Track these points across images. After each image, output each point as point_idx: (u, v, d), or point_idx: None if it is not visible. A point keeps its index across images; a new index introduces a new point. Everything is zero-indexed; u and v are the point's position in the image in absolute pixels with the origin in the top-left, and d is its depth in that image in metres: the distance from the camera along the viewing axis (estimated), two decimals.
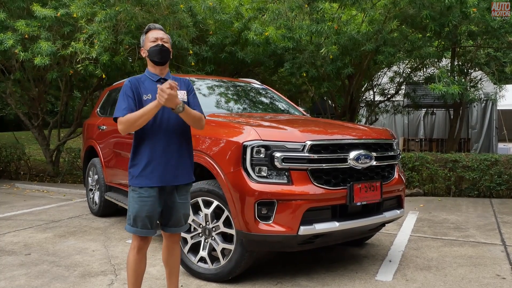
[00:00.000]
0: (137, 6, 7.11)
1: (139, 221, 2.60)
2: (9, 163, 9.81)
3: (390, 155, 3.76)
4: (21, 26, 6.82)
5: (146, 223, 2.61)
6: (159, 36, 2.70)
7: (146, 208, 2.59)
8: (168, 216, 2.72)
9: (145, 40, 2.74)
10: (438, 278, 3.55)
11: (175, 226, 2.75)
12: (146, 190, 2.59)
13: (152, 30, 2.74)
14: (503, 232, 5.00)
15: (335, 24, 7.31)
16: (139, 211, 2.59)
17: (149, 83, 2.68)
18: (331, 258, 4.10)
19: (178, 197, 2.70)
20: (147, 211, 2.59)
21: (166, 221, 2.74)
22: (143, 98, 2.61)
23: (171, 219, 2.72)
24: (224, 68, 9.42)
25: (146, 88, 2.66)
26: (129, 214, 2.64)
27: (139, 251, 2.66)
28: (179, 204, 2.71)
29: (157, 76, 2.71)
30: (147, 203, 2.59)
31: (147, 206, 2.59)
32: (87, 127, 6.38)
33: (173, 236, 2.81)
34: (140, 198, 2.59)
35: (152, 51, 2.67)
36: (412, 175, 7.42)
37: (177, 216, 2.73)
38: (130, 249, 2.69)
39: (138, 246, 2.65)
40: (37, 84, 9.68)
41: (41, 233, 5.00)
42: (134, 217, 2.60)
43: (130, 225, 2.64)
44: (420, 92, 10.64)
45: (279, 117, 4.42)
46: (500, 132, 13.03)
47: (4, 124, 21.03)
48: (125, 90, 2.61)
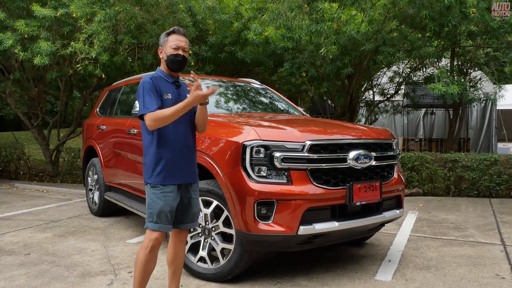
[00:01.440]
0: (137, 6, 7.11)
1: (163, 216, 2.66)
2: (8, 163, 9.80)
3: (390, 155, 3.76)
4: (20, 26, 6.82)
5: (169, 218, 2.69)
6: (181, 44, 2.72)
7: (169, 203, 2.67)
8: (184, 212, 2.80)
9: (166, 42, 2.74)
10: (437, 278, 3.55)
11: (190, 222, 2.84)
12: (168, 186, 2.67)
13: (175, 34, 2.74)
14: (503, 232, 5.01)
15: (334, 24, 7.31)
16: (164, 207, 2.65)
17: (166, 84, 2.75)
18: (330, 258, 4.11)
19: (193, 193, 2.81)
20: (170, 206, 2.68)
21: (182, 218, 2.81)
22: (164, 97, 2.68)
23: (188, 215, 2.81)
24: (224, 68, 9.43)
25: (167, 88, 2.72)
26: (150, 211, 2.67)
27: (152, 250, 2.68)
28: (195, 200, 2.83)
29: (172, 78, 2.79)
30: (170, 198, 2.67)
31: (170, 201, 2.67)
32: (86, 127, 6.38)
33: (182, 234, 2.88)
34: (163, 194, 2.65)
35: (172, 60, 2.72)
36: (412, 175, 7.42)
37: (192, 212, 2.83)
38: (141, 248, 2.69)
39: (153, 245, 2.67)
40: (36, 84, 9.67)
41: (41, 233, 5.00)
42: (159, 213, 2.65)
43: (153, 222, 2.66)
44: (420, 92, 10.65)
45: (278, 117, 4.43)
46: (499, 132, 13.04)
47: (3, 124, 21.02)
48: (149, 87, 2.64)
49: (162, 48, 2.76)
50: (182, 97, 2.73)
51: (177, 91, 2.77)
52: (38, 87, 9.67)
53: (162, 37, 2.79)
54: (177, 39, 2.72)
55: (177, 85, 2.79)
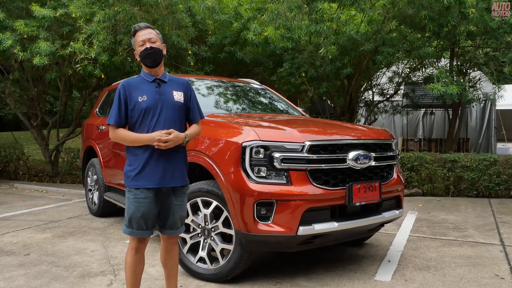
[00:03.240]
0: (136, 6, 7.11)
1: (134, 222, 2.60)
2: (8, 163, 9.80)
3: (389, 156, 3.76)
4: (20, 26, 6.82)
5: (141, 224, 2.60)
6: (146, 37, 2.62)
7: (142, 209, 2.58)
8: (165, 218, 2.71)
9: (134, 44, 2.69)
10: (437, 278, 3.56)
11: (172, 229, 2.74)
12: (142, 191, 2.58)
13: (138, 32, 2.66)
14: (502, 232, 5.01)
15: (334, 24, 7.31)
16: (135, 212, 2.59)
17: (145, 84, 2.65)
18: (330, 258, 4.11)
19: (175, 199, 2.70)
20: (142, 212, 2.59)
21: (163, 223, 2.73)
22: (138, 100, 2.58)
23: (167, 221, 2.71)
24: (223, 68, 9.43)
25: (142, 90, 2.62)
26: (126, 215, 2.64)
27: (137, 252, 2.65)
28: (176, 206, 2.71)
29: (152, 76, 2.67)
30: (143, 204, 2.58)
31: (143, 207, 2.58)
32: (86, 127, 6.37)
33: (171, 238, 2.80)
34: (136, 199, 2.58)
35: (143, 56, 2.62)
36: (411, 175, 7.42)
37: (173, 218, 2.71)
38: (128, 250, 2.69)
39: (135, 247, 2.65)
40: (36, 84, 9.67)
41: (40, 233, 5.00)
42: (130, 218, 2.60)
43: (126, 226, 2.64)
44: (419, 92, 10.66)
45: (278, 118, 4.43)
46: (499, 132, 13.05)
47: (3, 124, 21.00)
48: (117, 95, 2.63)
49: (135, 51, 2.70)
50: (162, 96, 2.62)
51: (156, 90, 2.63)
52: (38, 87, 9.67)
53: (132, 41, 2.74)
54: (140, 35, 2.64)
55: (158, 83, 2.65)
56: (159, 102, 2.62)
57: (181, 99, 2.69)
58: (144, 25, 2.69)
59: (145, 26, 2.69)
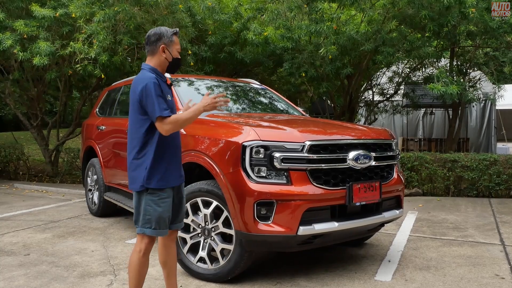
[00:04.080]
0: (136, 6, 7.11)
1: (162, 222, 2.62)
2: (8, 163, 9.79)
3: (389, 155, 3.76)
4: (20, 26, 6.82)
5: (166, 223, 2.67)
6: (179, 46, 2.73)
7: (167, 209, 2.65)
8: (177, 212, 2.79)
9: (173, 43, 2.66)
10: (437, 278, 3.55)
11: (180, 222, 2.85)
12: (165, 191, 2.63)
13: (177, 37, 2.72)
14: (502, 232, 5.01)
15: (334, 24, 7.31)
16: (163, 213, 2.61)
17: (165, 85, 2.66)
18: (330, 258, 4.11)
19: (183, 192, 2.83)
20: (168, 211, 2.66)
21: (174, 217, 2.79)
22: (167, 98, 2.61)
23: (178, 215, 2.82)
24: (223, 68, 9.43)
25: (166, 90, 2.64)
26: (148, 218, 2.58)
27: (145, 254, 2.66)
28: (183, 200, 2.85)
29: (164, 76, 2.74)
30: (168, 203, 2.64)
31: (167, 206, 2.65)
32: (86, 127, 6.37)
33: (172, 234, 2.86)
34: (161, 200, 2.61)
35: (175, 63, 2.71)
36: (411, 175, 7.42)
37: (182, 212, 2.85)
38: (134, 252, 2.66)
39: (145, 249, 2.65)
40: (36, 84, 9.67)
41: (40, 234, 4.99)
42: (157, 219, 2.59)
43: (151, 228, 2.59)
44: (419, 92, 10.65)
45: (278, 117, 4.42)
46: (499, 131, 13.05)
47: (3, 124, 20.98)
48: (155, 89, 2.50)
49: (167, 48, 2.63)
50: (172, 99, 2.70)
51: (169, 90, 2.71)
52: (38, 87, 9.67)
53: (167, 35, 2.63)
54: (179, 42, 2.72)
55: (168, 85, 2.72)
56: (173, 104, 2.70)
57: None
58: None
59: None
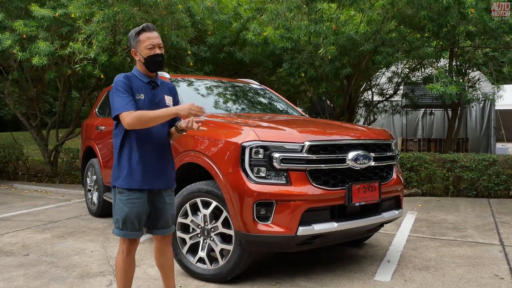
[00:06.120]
0: (135, 7, 7.10)
1: (128, 223, 2.55)
2: (7, 164, 9.79)
3: (389, 156, 3.76)
4: (19, 26, 6.81)
5: (135, 225, 2.57)
6: (156, 42, 2.57)
7: (135, 210, 2.55)
8: (157, 217, 2.68)
9: (138, 43, 2.58)
10: (436, 278, 3.56)
11: (164, 228, 2.71)
12: (135, 192, 2.55)
13: (146, 32, 2.57)
14: (501, 232, 5.01)
15: (333, 25, 7.31)
16: (129, 213, 2.54)
17: (140, 83, 2.61)
18: (329, 258, 4.11)
19: (166, 197, 2.69)
20: (136, 213, 2.55)
21: (154, 223, 2.69)
22: (136, 96, 2.56)
23: (160, 220, 2.68)
24: (223, 69, 9.43)
25: (139, 88, 2.59)
26: (116, 217, 2.57)
27: (128, 254, 2.62)
28: (168, 205, 2.70)
29: (148, 78, 2.65)
30: (136, 205, 2.55)
31: (136, 208, 2.55)
32: (85, 127, 6.37)
33: (165, 238, 2.77)
34: (129, 201, 2.54)
35: (152, 61, 2.57)
36: (411, 175, 7.42)
37: (165, 217, 2.70)
38: (118, 252, 2.65)
39: (127, 249, 2.61)
40: (35, 84, 9.66)
41: (40, 234, 4.99)
42: (124, 220, 2.54)
43: (118, 229, 2.58)
44: (419, 92, 10.66)
45: (277, 118, 4.42)
46: (498, 132, 13.06)
47: (2, 124, 20.97)
48: (122, 85, 2.51)
49: (136, 50, 2.59)
50: (157, 99, 2.62)
51: (151, 92, 2.62)
52: (37, 88, 9.67)
53: (132, 37, 2.59)
54: (149, 37, 2.55)
55: (153, 85, 2.64)
56: (154, 105, 2.60)
57: (170, 103, 2.72)
58: (152, 26, 2.62)
59: (153, 28, 2.62)
